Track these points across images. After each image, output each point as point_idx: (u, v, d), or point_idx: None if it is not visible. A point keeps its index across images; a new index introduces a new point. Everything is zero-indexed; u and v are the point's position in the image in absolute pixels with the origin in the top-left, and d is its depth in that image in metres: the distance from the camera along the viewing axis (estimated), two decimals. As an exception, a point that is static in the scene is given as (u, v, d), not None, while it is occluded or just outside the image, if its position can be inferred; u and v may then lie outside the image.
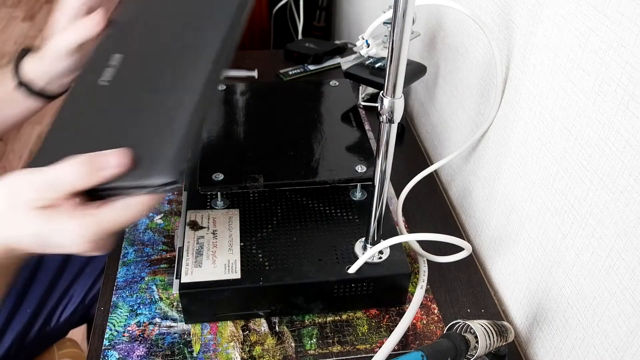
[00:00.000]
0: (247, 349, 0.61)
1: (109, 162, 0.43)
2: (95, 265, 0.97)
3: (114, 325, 0.63)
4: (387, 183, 0.58)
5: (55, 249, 0.44)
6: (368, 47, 0.76)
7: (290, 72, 1.12)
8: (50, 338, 0.91)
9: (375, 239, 0.62)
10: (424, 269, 0.68)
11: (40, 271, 0.93)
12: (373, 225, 0.61)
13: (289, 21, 1.70)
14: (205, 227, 0.66)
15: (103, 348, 0.61)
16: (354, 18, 1.51)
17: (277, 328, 0.63)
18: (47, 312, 0.89)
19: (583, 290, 0.52)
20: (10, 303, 0.87)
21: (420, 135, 0.99)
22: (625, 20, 0.43)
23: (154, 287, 0.68)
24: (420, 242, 0.71)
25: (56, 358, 0.89)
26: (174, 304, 0.66)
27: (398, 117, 0.52)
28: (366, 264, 0.62)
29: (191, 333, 0.63)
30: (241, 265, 0.62)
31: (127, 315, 0.64)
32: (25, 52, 0.67)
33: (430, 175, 0.82)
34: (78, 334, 1.40)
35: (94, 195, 0.44)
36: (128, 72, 0.50)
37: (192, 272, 0.61)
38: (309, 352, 0.61)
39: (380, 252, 0.63)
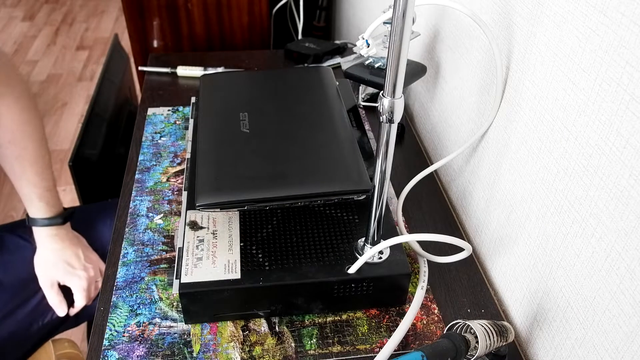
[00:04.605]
0: (247, 349, 0.61)
1: None
2: None
3: (114, 326, 0.63)
4: (387, 183, 0.58)
5: None
6: (368, 47, 0.76)
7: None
8: (49, 332, 0.92)
9: (375, 239, 0.62)
10: (424, 269, 0.68)
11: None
12: (373, 225, 0.61)
13: (289, 21, 1.70)
14: (205, 227, 0.66)
15: (103, 348, 0.61)
16: (354, 18, 1.51)
17: (277, 328, 0.63)
18: (45, 305, 0.90)
19: (583, 290, 0.52)
20: (9, 295, 0.87)
21: (420, 135, 0.99)
22: (626, 20, 0.43)
23: (153, 287, 0.68)
24: (420, 242, 0.71)
25: (53, 359, 0.89)
26: (174, 304, 0.66)
27: (398, 117, 0.52)
28: (366, 264, 0.62)
29: (191, 333, 0.63)
30: (241, 265, 0.62)
31: (127, 315, 0.64)
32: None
33: (430, 175, 0.82)
34: (78, 334, 1.40)
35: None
36: (260, 123, 0.70)
37: (192, 272, 0.61)
38: (309, 352, 0.61)
39: (380, 252, 0.63)
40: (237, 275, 0.61)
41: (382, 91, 0.52)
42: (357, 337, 0.63)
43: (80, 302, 0.89)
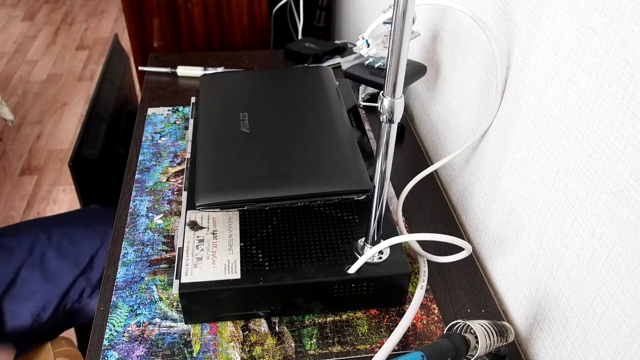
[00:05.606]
0: (247, 349, 0.61)
1: None
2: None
3: (114, 326, 0.63)
4: (387, 183, 0.58)
5: None
6: (368, 47, 0.76)
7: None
8: (77, 314, 0.93)
9: (375, 239, 0.62)
10: (424, 269, 0.68)
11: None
12: (373, 225, 0.61)
13: (289, 21, 1.70)
14: (205, 227, 0.66)
15: (103, 348, 0.61)
16: (354, 18, 1.51)
17: (277, 328, 0.63)
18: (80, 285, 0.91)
19: (583, 290, 0.52)
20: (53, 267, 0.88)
21: (420, 135, 0.99)
22: (626, 20, 0.43)
23: (153, 287, 0.68)
24: (420, 242, 0.71)
25: (52, 357, 0.90)
26: (174, 304, 0.66)
27: (398, 117, 0.52)
28: (366, 264, 0.62)
29: (191, 333, 0.63)
30: (241, 265, 0.62)
31: (126, 316, 0.64)
32: None
33: (430, 175, 0.82)
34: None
35: None
36: (259, 123, 0.70)
37: (192, 272, 0.61)
38: (309, 352, 0.61)
39: (380, 252, 0.63)
40: (237, 275, 0.61)
41: (382, 91, 0.52)
42: (357, 337, 0.63)
43: None
